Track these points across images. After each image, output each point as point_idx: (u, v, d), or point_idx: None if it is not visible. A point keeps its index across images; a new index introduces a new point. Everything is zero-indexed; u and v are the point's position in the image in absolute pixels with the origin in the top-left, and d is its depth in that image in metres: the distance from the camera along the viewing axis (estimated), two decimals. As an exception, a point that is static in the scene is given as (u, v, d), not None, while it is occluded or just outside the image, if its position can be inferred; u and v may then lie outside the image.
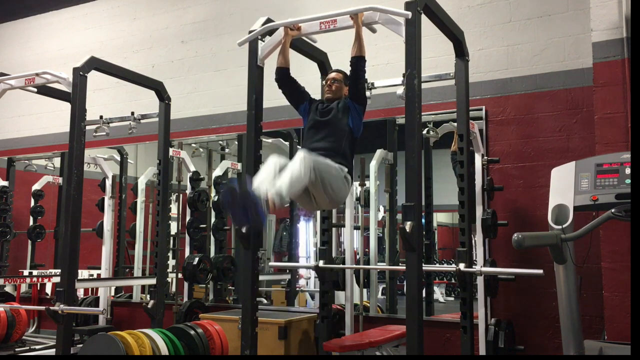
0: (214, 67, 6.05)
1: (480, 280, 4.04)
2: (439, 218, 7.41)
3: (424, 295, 4.57)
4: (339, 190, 3.20)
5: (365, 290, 5.02)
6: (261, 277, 6.05)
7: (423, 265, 2.93)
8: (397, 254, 5.31)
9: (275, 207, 2.84)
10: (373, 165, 5.04)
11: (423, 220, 4.09)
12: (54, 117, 6.71)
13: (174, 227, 5.89)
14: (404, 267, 2.94)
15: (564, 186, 3.25)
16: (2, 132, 7.38)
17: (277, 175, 2.96)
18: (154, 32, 6.49)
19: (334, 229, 4.61)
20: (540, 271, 3.26)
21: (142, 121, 5.32)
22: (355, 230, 4.72)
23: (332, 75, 3.56)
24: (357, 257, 5.37)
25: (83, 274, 5.97)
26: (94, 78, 4.29)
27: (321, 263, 4.19)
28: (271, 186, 2.87)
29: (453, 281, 7.22)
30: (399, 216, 3.42)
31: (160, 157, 4.71)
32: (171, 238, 5.68)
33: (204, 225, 5.73)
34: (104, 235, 5.80)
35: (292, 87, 3.55)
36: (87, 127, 4.23)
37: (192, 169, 5.70)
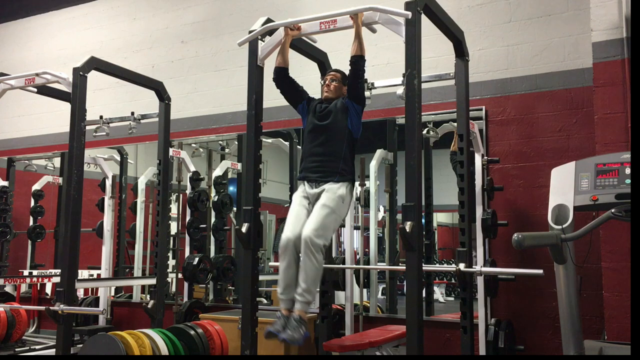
0: (214, 67, 6.05)
1: (480, 280, 4.03)
2: (439, 218, 7.41)
3: (424, 295, 4.57)
4: (344, 214, 3.47)
5: (365, 290, 5.02)
6: (261, 277, 6.06)
7: (423, 265, 2.93)
8: (397, 254, 5.31)
9: (306, 314, 3.23)
10: (373, 165, 5.04)
11: (423, 220, 4.09)
12: (54, 117, 6.71)
13: (174, 227, 5.89)
14: (404, 267, 2.94)
15: (564, 186, 3.25)
16: (2, 132, 7.38)
17: (295, 268, 3.25)
18: (154, 32, 6.49)
19: (334, 229, 4.61)
20: (540, 271, 3.26)
21: (142, 121, 5.32)
22: (355, 230, 4.72)
23: (331, 74, 3.57)
24: (357, 257, 5.37)
25: (83, 274, 5.96)
26: (94, 78, 4.29)
27: (321, 263, 4.18)
28: (297, 297, 3.20)
29: (453, 281, 7.22)
30: (399, 216, 3.42)
31: (160, 157, 4.71)
32: (171, 238, 5.68)
33: (204, 225, 5.73)
34: (104, 235, 5.80)
35: (290, 86, 3.55)
36: (87, 127, 4.23)
37: (192, 169, 5.70)
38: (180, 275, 5.46)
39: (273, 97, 3.79)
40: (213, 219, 5.77)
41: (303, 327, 3.14)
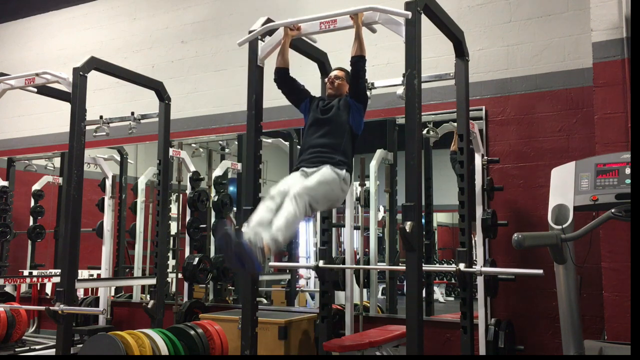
0: (214, 67, 6.05)
1: (480, 280, 4.03)
2: (439, 218, 7.42)
3: (424, 295, 4.57)
4: (338, 195, 3.28)
5: (365, 290, 5.02)
6: (261, 277, 6.06)
7: (423, 265, 2.93)
8: (397, 254, 5.31)
9: (270, 253, 2.86)
10: (373, 165, 5.04)
11: (423, 220, 4.09)
12: (54, 117, 6.71)
13: (174, 227, 5.90)
14: (404, 267, 2.94)
15: (564, 186, 3.26)
16: (2, 132, 7.38)
17: (273, 215, 2.99)
18: (154, 32, 6.49)
19: (334, 229, 4.61)
20: (540, 271, 3.26)
21: (142, 121, 5.32)
22: (355, 230, 4.72)
23: (335, 73, 3.59)
24: (357, 257, 5.37)
25: (83, 274, 5.96)
26: (94, 78, 4.29)
27: (321, 263, 4.18)
28: (266, 231, 2.88)
29: (453, 281, 7.22)
30: (399, 216, 3.42)
31: (160, 157, 4.71)
32: (171, 238, 5.68)
33: (204, 225, 5.73)
34: (104, 235, 5.79)
35: (292, 86, 3.55)
36: (87, 127, 4.23)
37: (192, 169, 5.70)
38: (180, 275, 5.46)
39: (273, 97, 3.79)
40: (213, 219, 5.77)
41: (261, 254, 2.78)
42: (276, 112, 5.27)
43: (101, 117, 5.37)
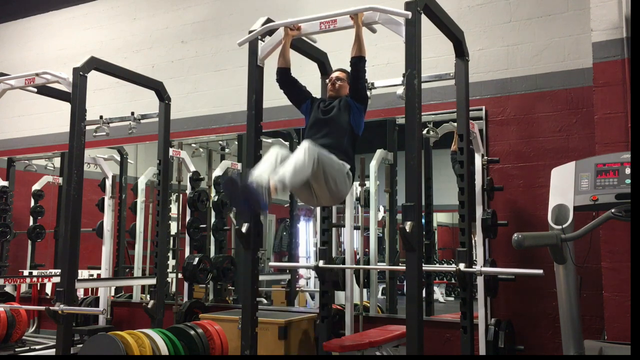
0: (214, 67, 6.05)
1: (480, 280, 4.03)
2: (439, 218, 7.41)
3: (424, 295, 4.57)
4: (341, 185, 3.21)
5: (365, 290, 5.02)
6: (261, 277, 6.06)
7: (423, 265, 2.93)
8: (397, 254, 5.31)
9: (276, 193, 2.85)
10: (373, 165, 5.04)
11: (423, 220, 4.09)
12: (54, 117, 6.71)
13: (174, 227, 5.89)
14: (404, 267, 2.94)
15: (564, 186, 3.25)
16: (2, 132, 7.37)
17: (278, 165, 2.96)
18: (154, 32, 6.49)
19: (334, 229, 4.61)
20: (540, 271, 3.26)
21: (142, 121, 5.32)
22: (355, 230, 4.72)
23: (336, 74, 3.60)
24: (357, 257, 5.37)
25: (83, 274, 5.96)
26: (94, 78, 4.29)
27: (321, 263, 4.19)
28: (273, 174, 2.87)
29: (453, 281, 7.22)
30: (399, 216, 3.42)
31: (160, 157, 4.72)
32: (171, 238, 5.68)
33: (204, 225, 5.73)
34: (104, 235, 5.80)
35: (293, 86, 3.56)
36: (87, 127, 4.23)
37: (192, 169, 5.70)
38: (180, 275, 5.46)
39: (273, 97, 3.79)
40: (213, 219, 5.77)
41: (267, 194, 2.79)
42: (276, 112, 5.27)
43: (101, 117, 5.37)
